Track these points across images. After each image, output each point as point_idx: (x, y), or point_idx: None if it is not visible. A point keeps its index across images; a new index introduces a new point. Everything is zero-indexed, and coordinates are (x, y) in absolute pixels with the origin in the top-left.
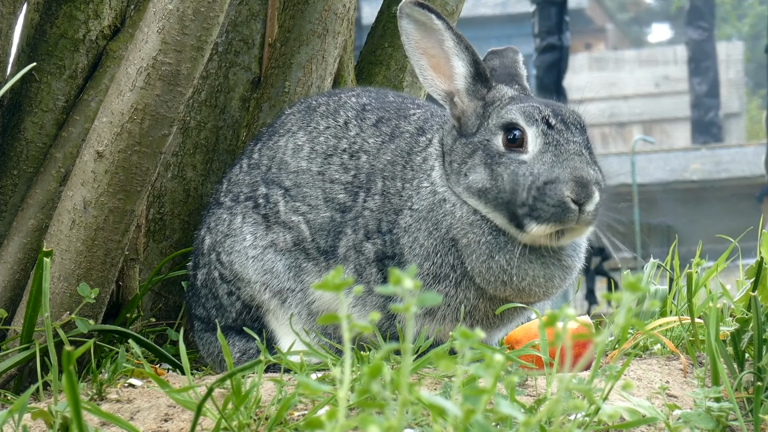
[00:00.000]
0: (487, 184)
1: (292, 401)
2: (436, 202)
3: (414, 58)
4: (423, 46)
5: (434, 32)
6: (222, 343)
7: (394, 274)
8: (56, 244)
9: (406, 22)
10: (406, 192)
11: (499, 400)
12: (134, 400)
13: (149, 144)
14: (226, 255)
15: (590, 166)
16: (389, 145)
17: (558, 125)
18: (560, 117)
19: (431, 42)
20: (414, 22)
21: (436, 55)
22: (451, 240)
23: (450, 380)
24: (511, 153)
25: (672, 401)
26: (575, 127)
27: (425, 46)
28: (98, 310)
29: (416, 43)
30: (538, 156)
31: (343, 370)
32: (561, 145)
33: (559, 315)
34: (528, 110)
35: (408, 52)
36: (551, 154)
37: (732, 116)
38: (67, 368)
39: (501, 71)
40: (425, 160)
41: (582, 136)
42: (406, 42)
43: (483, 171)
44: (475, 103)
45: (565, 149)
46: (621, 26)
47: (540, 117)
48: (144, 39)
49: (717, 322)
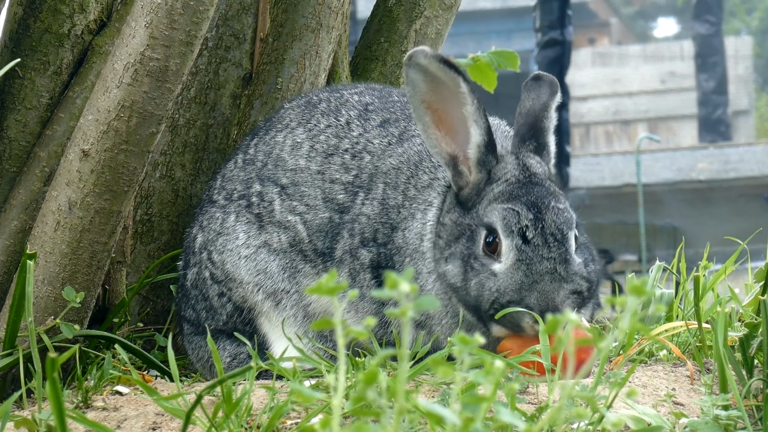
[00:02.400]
0: (459, 283)
1: (284, 409)
2: (417, 250)
3: (418, 113)
4: (430, 101)
5: (452, 92)
6: (212, 348)
7: (390, 277)
8: (40, 246)
9: (415, 72)
10: (405, 212)
11: (499, 408)
12: (121, 408)
13: (137, 142)
14: (217, 254)
15: (565, 282)
16: (396, 147)
17: (535, 239)
18: (540, 227)
19: (443, 98)
20: (425, 74)
21: (445, 114)
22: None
23: (448, 387)
24: (486, 258)
25: (678, 409)
26: (553, 238)
27: (433, 100)
28: (84, 315)
29: (423, 96)
30: (509, 270)
31: (337, 377)
32: (534, 263)
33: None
34: (508, 217)
35: (412, 104)
36: (522, 273)
37: (740, 114)
38: (51, 375)
39: (524, 119)
40: (430, 186)
41: (559, 249)
42: (412, 94)
43: (459, 267)
44: (481, 176)
45: (537, 269)
46: (626, 20)
47: (517, 229)
48: (131, 34)
49: (725, 327)
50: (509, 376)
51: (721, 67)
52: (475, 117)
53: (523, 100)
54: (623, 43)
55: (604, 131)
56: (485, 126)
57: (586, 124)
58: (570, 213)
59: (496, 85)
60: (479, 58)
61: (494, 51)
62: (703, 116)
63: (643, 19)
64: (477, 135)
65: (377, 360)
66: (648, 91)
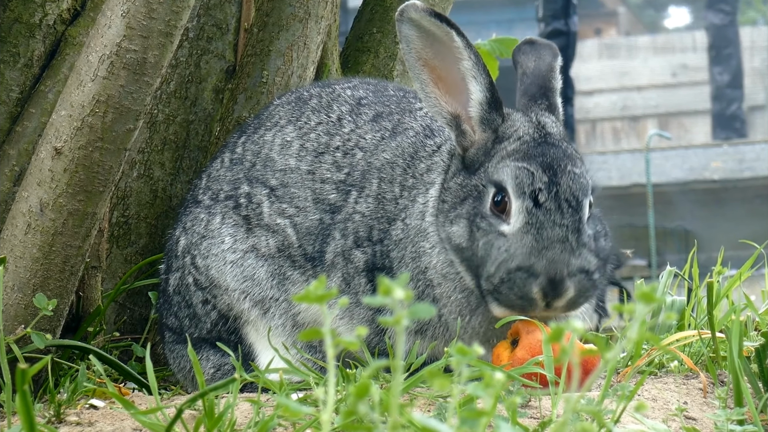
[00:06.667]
0: (464, 243)
1: (270, 424)
2: (420, 231)
3: (414, 70)
4: (426, 57)
5: (447, 47)
6: (193, 358)
7: (383, 283)
8: (10, 250)
9: (408, 27)
10: (403, 201)
11: (500, 423)
12: (96, 423)
13: (113, 140)
14: (201, 259)
15: (574, 255)
16: (390, 142)
17: (547, 203)
18: (554, 191)
19: (439, 55)
20: (418, 29)
21: (443, 71)
22: (428, 280)
23: (445, 401)
24: (494, 218)
25: (690, 424)
26: (567, 204)
27: (429, 57)
28: (56, 324)
29: (418, 53)
30: (518, 233)
31: (326, 390)
32: (545, 229)
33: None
34: (521, 176)
35: (408, 62)
36: (532, 237)
37: (756, 109)
38: (21, 387)
39: (531, 79)
40: (429, 170)
41: (573, 217)
42: (406, 50)
43: (465, 227)
44: (487, 135)
45: (548, 235)
46: (634, 9)
47: (529, 190)
48: (107, 24)
49: (740, 337)
50: (510, 389)
51: (736, 60)
52: (474, 72)
53: (523, 62)
54: (632, 33)
55: (611, 128)
56: (486, 82)
57: (592, 120)
58: (587, 179)
59: (497, 75)
60: (480, 46)
61: (496, 38)
62: (717, 112)
63: (653, 9)
64: (477, 92)
65: (369, 371)
66: (658, 85)
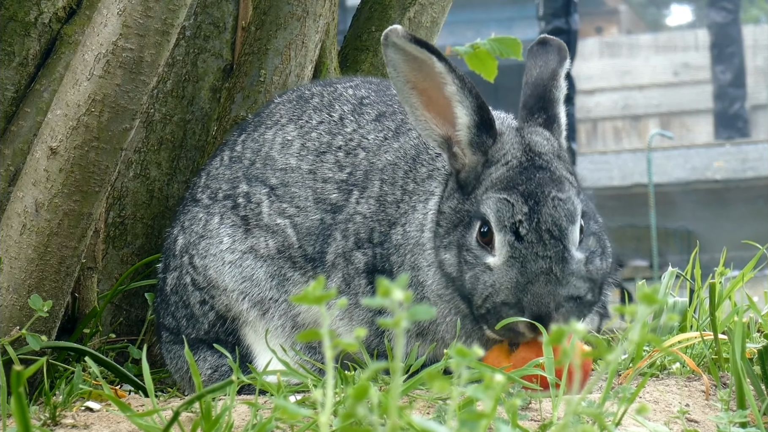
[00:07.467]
0: (455, 273)
1: (268, 427)
2: (418, 244)
3: (403, 95)
4: (414, 80)
5: (431, 72)
6: (190, 360)
7: (382, 284)
8: (5, 251)
9: (393, 52)
10: (404, 206)
11: (500, 426)
12: (92, 426)
13: (108, 139)
14: (200, 258)
15: (561, 285)
16: (392, 142)
17: (529, 236)
18: (535, 221)
19: (427, 78)
20: (404, 53)
21: (432, 93)
22: (424, 293)
23: (444, 403)
24: (480, 249)
25: (692, 426)
26: (549, 235)
27: (417, 80)
28: (52, 325)
29: (406, 76)
30: (502, 267)
31: (325, 392)
32: (528, 262)
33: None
34: (501, 210)
35: (396, 86)
36: (516, 271)
37: (759, 108)
38: (16, 390)
39: (532, 90)
40: (430, 177)
41: (556, 247)
42: (394, 75)
43: (455, 257)
44: (477, 158)
45: (531, 269)
46: (636, 8)
47: (510, 224)
48: (103, 22)
49: (743, 339)
50: (510, 391)
51: (739, 58)
52: (459, 97)
53: (529, 68)
54: (633, 32)
55: (612, 127)
56: (473, 105)
57: (594, 120)
58: (573, 203)
59: (496, 74)
60: (479, 46)
61: (495, 38)
62: (719, 111)
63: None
64: (464, 116)
65: (368, 373)
66: (660, 84)
